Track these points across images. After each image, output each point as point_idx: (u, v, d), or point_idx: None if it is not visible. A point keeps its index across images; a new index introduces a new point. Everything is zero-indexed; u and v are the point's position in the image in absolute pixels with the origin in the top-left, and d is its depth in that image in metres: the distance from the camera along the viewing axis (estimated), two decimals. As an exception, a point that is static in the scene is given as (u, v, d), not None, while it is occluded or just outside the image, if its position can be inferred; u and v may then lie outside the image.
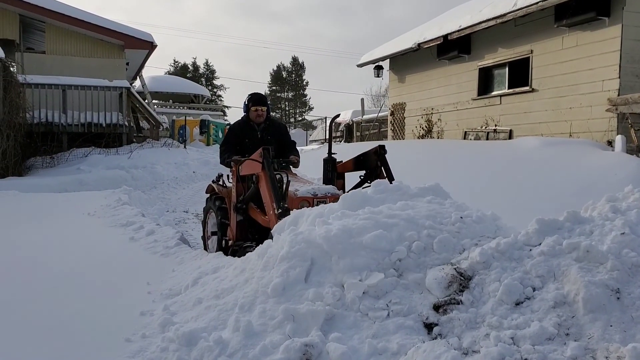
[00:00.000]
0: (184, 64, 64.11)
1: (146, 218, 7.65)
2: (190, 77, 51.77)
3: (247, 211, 5.54)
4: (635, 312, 2.68)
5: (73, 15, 17.21)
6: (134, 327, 3.62)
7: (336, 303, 3.17)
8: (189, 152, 16.89)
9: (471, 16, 13.52)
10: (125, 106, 16.02)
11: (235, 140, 6.13)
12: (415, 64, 16.63)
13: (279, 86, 69.16)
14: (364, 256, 3.35)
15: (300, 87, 69.10)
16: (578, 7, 10.78)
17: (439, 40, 14.57)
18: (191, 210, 10.85)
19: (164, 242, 6.09)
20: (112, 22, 18.11)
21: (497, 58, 13.47)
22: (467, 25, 13.40)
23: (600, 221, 3.34)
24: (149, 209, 9.47)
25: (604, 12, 10.56)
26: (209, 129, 21.33)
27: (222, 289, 3.85)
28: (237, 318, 3.27)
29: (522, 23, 12.45)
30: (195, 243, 7.37)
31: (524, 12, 11.72)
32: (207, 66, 65.83)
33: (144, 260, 5.53)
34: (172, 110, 28.91)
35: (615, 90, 10.38)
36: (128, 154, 14.70)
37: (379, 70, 19.15)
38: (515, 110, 12.67)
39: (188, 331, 3.25)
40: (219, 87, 65.84)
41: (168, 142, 17.22)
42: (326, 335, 2.92)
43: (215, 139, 21.61)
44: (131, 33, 18.13)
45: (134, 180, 13.13)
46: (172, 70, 60.95)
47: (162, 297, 4.26)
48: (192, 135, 20.38)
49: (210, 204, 6.45)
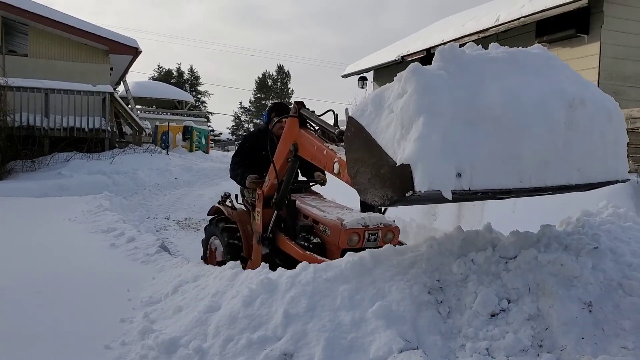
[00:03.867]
0: (168, 70, 63.86)
1: (127, 224, 7.62)
2: (174, 83, 51.55)
3: (276, 242, 4.69)
4: (606, 325, 2.76)
5: (57, 18, 17.10)
6: (114, 334, 3.62)
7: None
8: (171, 158, 16.85)
9: (454, 30, 13.72)
10: (108, 111, 15.94)
11: (251, 151, 5.29)
12: (399, 75, 16.76)
13: (264, 93, 69.16)
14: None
15: (285, 95, 69.16)
16: (558, 24, 11.00)
17: (422, 54, 14.74)
18: (172, 217, 10.82)
19: (145, 249, 6.08)
20: (96, 26, 18.02)
21: (480, 72, 13.64)
22: (450, 39, 13.57)
23: (575, 236, 3.43)
24: (130, 215, 9.42)
25: (584, 29, 10.79)
26: (192, 135, 21.28)
27: (203, 297, 3.87)
28: (217, 326, 3.29)
29: (504, 38, 12.64)
30: (175, 251, 7.37)
31: (506, 27, 11.93)
32: (191, 72, 65.65)
33: (125, 267, 5.51)
34: (155, 116, 28.81)
35: (593, 106, 10.56)
36: (110, 159, 14.62)
37: (364, 82, 19.29)
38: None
39: (168, 339, 3.26)
40: (203, 93, 65.70)
41: (150, 147, 17.16)
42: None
43: (199, 145, 21.56)
44: (116, 38, 18.06)
45: (115, 185, 13.06)
46: (156, 75, 60.71)
47: (142, 304, 4.26)
48: (175, 141, 20.32)
49: (212, 229, 5.57)
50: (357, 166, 2.80)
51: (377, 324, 2.96)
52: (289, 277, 3.41)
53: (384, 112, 2.67)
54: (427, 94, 2.47)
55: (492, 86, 2.60)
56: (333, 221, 4.24)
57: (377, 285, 3.21)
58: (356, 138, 2.79)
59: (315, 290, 3.26)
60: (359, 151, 2.79)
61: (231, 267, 4.14)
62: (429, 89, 2.48)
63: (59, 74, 16.49)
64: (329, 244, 4.18)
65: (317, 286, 3.28)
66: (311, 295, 3.23)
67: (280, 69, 70.22)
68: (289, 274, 3.44)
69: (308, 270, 3.41)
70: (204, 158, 19.38)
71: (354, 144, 2.84)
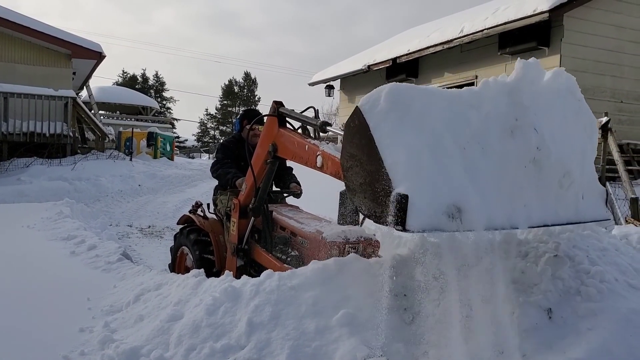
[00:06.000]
0: (133, 75, 63.06)
1: (88, 232, 7.46)
2: (139, 89, 50.93)
3: (251, 254, 4.56)
4: (565, 330, 2.82)
5: (17, 21, 16.71)
6: (72, 344, 3.54)
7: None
8: (135, 164, 16.62)
9: (419, 40, 13.92)
10: (71, 116, 15.67)
11: (231, 159, 5.13)
12: (365, 85, 16.93)
13: (230, 100, 68.81)
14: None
15: (252, 102, 68.93)
16: (520, 36, 11.28)
17: (388, 63, 14.93)
18: (135, 225, 10.66)
19: (106, 257, 5.95)
20: (59, 30, 17.68)
21: (444, 82, 13.88)
22: (416, 50, 13.78)
23: (535, 243, 3.50)
24: (92, 223, 9.23)
25: (544, 42, 11.10)
26: (156, 142, 20.99)
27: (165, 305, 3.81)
28: (179, 335, 3.24)
29: (468, 49, 12.90)
30: (138, 258, 7.25)
31: (469, 39, 12.17)
32: (157, 78, 64.95)
33: (85, 276, 5.38)
34: (119, 122, 28.41)
35: (553, 118, 10.85)
36: (72, 165, 14.37)
37: (330, 90, 19.40)
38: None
39: (129, 349, 3.20)
40: (169, 100, 65.02)
41: (114, 154, 16.92)
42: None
43: (163, 152, 21.29)
44: (79, 42, 17.75)
45: (77, 192, 12.83)
46: (120, 81, 59.83)
47: (103, 313, 4.17)
48: (139, 147, 20.01)
49: (181, 240, 5.43)
50: (352, 162, 2.61)
51: (342, 331, 2.97)
52: (253, 286, 3.38)
53: (396, 118, 2.48)
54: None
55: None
56: (312, 233, 4.08)
57: (342, 293, 3.21)
58: (358, 134, 2.55)
59: (279, 298, 3.24)
60: (358, 148, 2.57)
61: (195, 275, 4.08)
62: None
63: (19, 78, 16.13)
64: (308, 257, 3.97)
65: (281, 294, 3.27)
66: (275, 303, 3.21)
67: (247, 76, 70.00)
68: (253, 282, 3.42)
69: (272, 279, 3.39)
70: (168, 165, 19.13)
71: (354, 139, 2.59)
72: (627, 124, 11.87)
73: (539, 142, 2.76)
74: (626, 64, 11.92)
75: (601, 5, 11.49)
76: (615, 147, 9.00)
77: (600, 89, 11.54)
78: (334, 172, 3.23)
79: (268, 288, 3.32)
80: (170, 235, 7.76)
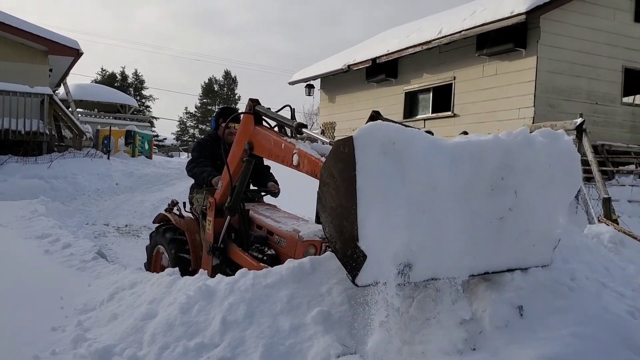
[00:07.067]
0: (111, 73, 62.33)
1: (63, 230, 7.37)
2: (117, 87, 50.35)
3: (227, 253, 4.52)
4: (535, 326, 2.86)
5: (-8, 16, 16.46)
6: (44, 343, 3.49)
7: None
8: (112, 163, 16.47)
9: (399, 41, 14.00)
10: (47, 114, 15.46)
11: (207, 158, 5.10)
12: (345, 84, 16.97)
13: (210, 99, 68.43)
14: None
15: (232, 100, 68.62)
16: (498, 37, 11.40)
17: (367, 63, 14.97)
18: (112, 224, 10.57)
19: (81, 255, 5.89)
20: (35, 26, 17.40)
21: (422, 83, 13.97)
22: (395, 50, 13.85)
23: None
24: (68, 221, 9.13)
25: (521, 44, 11.23)
26: (134, 140, 20.80)
27: (140, 304, 3.78)
28: (153, 334, 3.22)
29: (446, 50, 13.00)
30: (114, 257, 7.18)
31: (448, 40, 12.27)
32: (136, 76, 64.31)
33: (59, 274, 5.32)
34: (97, 120, 28.05)
35: (530, 118, 11.01)
36: (48, 164, 14.18)
37: (310, 89, 19.41)
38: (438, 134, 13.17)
39: (101, 347, 3.17)
40: (148, 98, 64.41)
41: (91, 152, 16.74)
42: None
43: (141, 151, 21.11)
44: (55, 39, 17.48)
45: (53, 190, 12.67)
46: (99, 78, 59.09)
47: (76, 312, 4.13)
48: (117, 146, 19.82)
49: (157, 238, 5.41)
50: (331, 181, 2.60)
51: (316, 329, 2.98)
52: (227, 284, 3.38)
53: (384, 169, 2.48)
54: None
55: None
56: (289, 232, 4.06)
57: (317, 291, 3.22)
58: (344, 163, 2.52)
59: (254, 297, 3.24)
60: (339, 176, 2.55)
61: (169, 273, 4.06)
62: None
63: (-7, 74, 15.86)
64: (285, 256, 3.91)
65: (256, 292, 3.26)
66: (250, 301, 3.21)
67: (227, 75, 69.69)
68: (227, 281, 3.41)
69: (247, 277, 3.38)
70: (146, 163, 18.97)
71: (339, 163, 2.56)
72: (601, 125, 12.05)
73: (514, 204, 2.82)
74: (601, 66, 12.10)
75: (577, 8, 11.66)
76: (590, 148, 9.13)
77: (576, 90, 11.70)
78: (310, 171, 3.23)
79: (243, 286, 3.31)
80: (147, 234, 7.69)
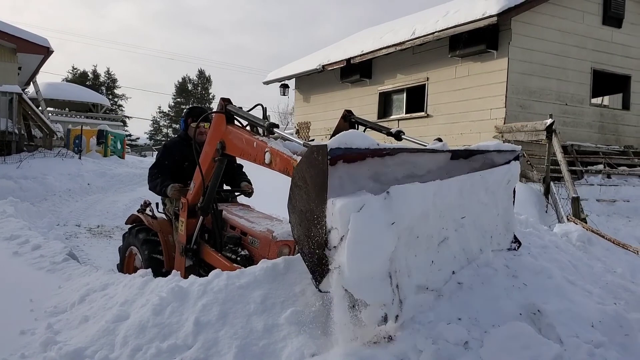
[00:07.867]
0: (83, 72, 61.35)
1: (33, 232, 7.25)
2: (89, 86, 49.59)
3: (200, 254, 4.47)
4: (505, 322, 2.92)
5: (-42, 12, 16.09)
6: (12, 347, 3.44)
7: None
8: (84, 163, 16.23)
9: (373, 42, 14.06)
10: (16, 112, 15.19)
11: (172, 162, 5.04)
12: (320, 84, 16.99)
13: (184, 98, 67.85)
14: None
15: (206, 100, 68.14)
16: (470, 39, 11.54)
17: (342, 64, 15.01)
18: (84, 225, 10.42)
19: (51, 257, 5.80)
20: (3, 23, 17.07)
21: (396, 84, 14.06)
22: (369, 51, 13.92)
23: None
24: (38, 222, 8.98)
25: (493, 45, 11.38)
26: (107, 140, 20.54)
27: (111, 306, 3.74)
28: (125, 336, 3.19)
29: (420, 51, 13.11)
30: (86, 259, 7.09)
31: (421, 41, 12.37)
32: (108, 74, 63.43)
33: (28, 276, 5.24)
34: (68, 119, 27.66)
35: (501, 119, 11.18)
36: (17, 163, 13.95)
37: (285, 89, 19.38)
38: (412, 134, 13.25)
39: (72, 350, 3.14)
40: (121, 97, 63.59)
41: (62, 152, 16.49)
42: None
43: (114, 150, 20.86)
44: (25, 36, 17.17)
45: (22, 191, 12.41)
46: (70, 77, 58.12)
47: (46, 315, 4.06)
48: (89, 145, 19.54)
49: (130, 239, 5.34)
50: (302, 184, 2.59)
51: (290, 329, 2.97)
52: (200, 285, 3.36)
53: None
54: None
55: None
56: (262, 233, 4.05)
57: (291, 291, 3.22)
58: (315, 170, 2.50)
59: (227, 297, 3.23)
60: (311, 181, 2.53)
61: (141, 275, 4.02)
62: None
63: (-40, 72, 15.53)
64: (258, 257, 3.91)
65: (229, 293, 3.25)
66: (223, 302, 3.20)
67: (201, 74, 69.19)
68: (200, 282, 3.39)
69: (221, 278, 3.37)
70: (119, 163, 18.74)
71: (311, 169, 2.53)
72: (571, 125, 12.28)
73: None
74: (570, 68, 12.33)
75: (547, 11, 11.85)
76: (559, 148, 9.31)
77: (546, 91, 11.90)
78: (282, 169, 3.23)
79: (216, 287, 3.30)
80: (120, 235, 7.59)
